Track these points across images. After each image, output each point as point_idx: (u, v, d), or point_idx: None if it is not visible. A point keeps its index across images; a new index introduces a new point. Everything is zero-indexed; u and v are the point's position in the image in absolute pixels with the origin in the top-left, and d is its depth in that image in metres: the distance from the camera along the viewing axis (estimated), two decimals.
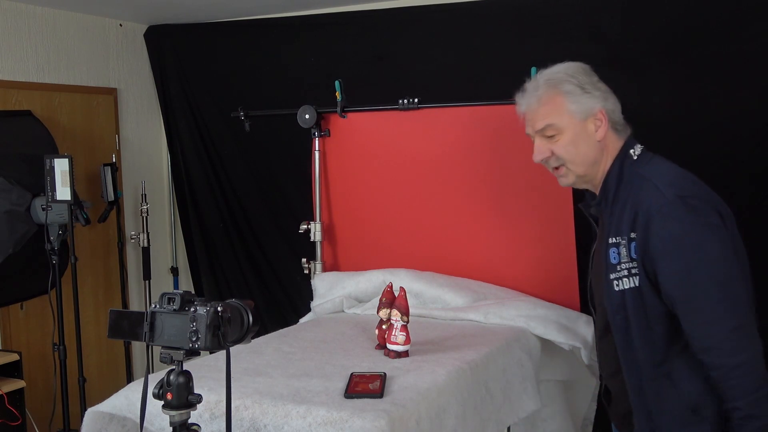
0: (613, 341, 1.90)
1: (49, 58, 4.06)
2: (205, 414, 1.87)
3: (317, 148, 3.34)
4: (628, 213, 1.82)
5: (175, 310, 1.53)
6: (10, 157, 3.66)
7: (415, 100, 3.12)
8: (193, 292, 1.57)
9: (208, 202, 4.57)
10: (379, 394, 1.91)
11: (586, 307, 2.56)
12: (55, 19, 4.09)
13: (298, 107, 3.26)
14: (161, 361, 1.56)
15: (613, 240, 1.85)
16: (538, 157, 1.98)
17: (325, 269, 3.37)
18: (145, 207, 4.36)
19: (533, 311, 2.76)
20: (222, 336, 1.51)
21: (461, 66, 3.72)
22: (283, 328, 2.82)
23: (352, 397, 1.90)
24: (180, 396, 1.55)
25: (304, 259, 3.39)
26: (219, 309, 1.51)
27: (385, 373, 2.06)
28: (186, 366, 1.57)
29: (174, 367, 1.56)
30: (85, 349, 3.82)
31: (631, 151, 1.91)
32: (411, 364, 2.21)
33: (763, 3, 3.11)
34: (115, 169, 4.16)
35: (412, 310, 2.37)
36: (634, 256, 1.80)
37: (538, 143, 1.98)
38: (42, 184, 3.53)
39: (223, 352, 1.55)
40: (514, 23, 3.61)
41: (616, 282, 1.84)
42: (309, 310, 3.20)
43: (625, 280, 1.82)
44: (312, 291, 3.28)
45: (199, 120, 4.53)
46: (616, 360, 1.91)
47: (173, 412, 1.55)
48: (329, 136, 3.33)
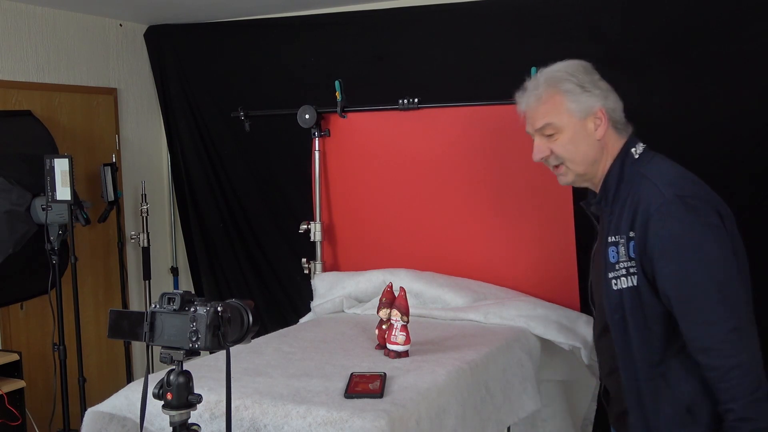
0: (611, 340, 1.89)
1: (49, 58, 4.06)
2: (205, 414, 1.87)
3: (317, 148, 3.34)
4: (628, 212, 1.82)
5: (175, 310, 1.53)
6: (10, 157, 3.66)
7: (415, 100, 3.12)
8: (193, 292, 1.56)
9: (208, 202, 4.57)
10: (379, 394, 1.91)
11: (586, 307, 2.56)
12: (55, 19, 4.09)
13: (298, 107, 3.26)
14: (161, 361, 1.56)
15: (612, 239, 1.85)
16: (538, 156, 1.98)
17: (325, 269, 3.37)
18: (145, 207, 4.36)
19: (533, 311, 2.76)
20: (222, 336, 1.51)
21: (461, 66, 3.72)
22: (283, 328, 2.82)
23: (352, 397, 1.90)
24: (180, 396, 1.55)
25: (304, 259, 3.39)
26: (219, 309, 1.51)
27: (385, 373, 2.06)
28: (186, 366, 1.57)
29: (174, 367, 1.56)
30: (85, 349, 3.82)
31: (633, 150, 1.90)
32: (411, 364, 2.20)
33: (763, 3, 3.11)
34: (115, 169, 4.16)
35: (412, 310, 2.37)
36: (633, 255, 1.79)
37: (538, 142, 1.98)
38: (42, 184, 3.53)
39: (223, 352, 1.55)
40: (514, 23, 3.61)
41: (614, 281, 1.83)
42: (309, 310, 3.20)
43: (623, 279, 1.82)
44: (312, 291, 3.28)
45: (199, 120, 4.53)
46: (614, 359, 1.90)
47: (173, 412, 1.55)
48: (329, 136, 3.33)
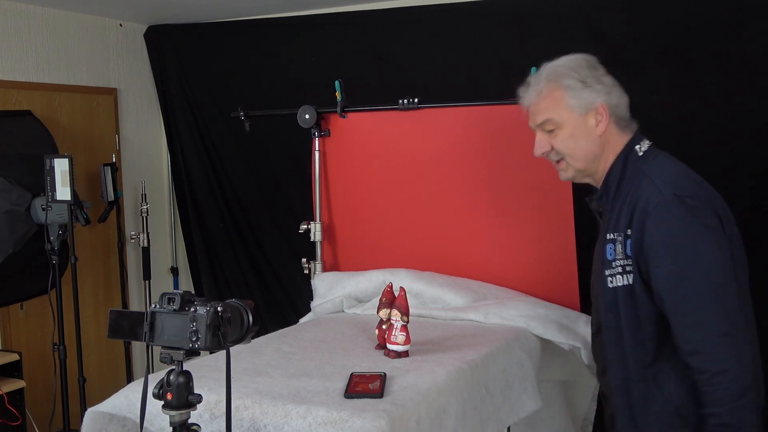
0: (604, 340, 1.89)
1: (49, 58, 4.06)
2: (205, 414, 1.87)
3: (317, 148, 3.33)
4: (627, 209, 1.80)
5: (175, 310, 1.53)
6: (10, 157, 3.66)
7: (415, 100, 3.12)
8: (193, 292, 1.56)
9: (208, 202, 4.57)
10: (379, 394, 1.91)
11: (586, 307, 2.56)
12: (55, 19, 4.09)
13: (298, 107, 3.26)
14: (161, 361, 1.56)
15: (611, 236, 1.83)
16: (539, 151, 1.97)
17: (325, 269, 3.37)
18: (145, 207, 4.37)
19: (533, 311, 2.76)
20: (222, 336, 1.51)
21: (461, 66, 3.72)
22: (283, 328, 2.82)
23: (352, 397, 1.90)
24: (180, 396, 1.55)
25: (304, 259, 3.39)
26: (219, 309, 1.51)
27: (385, 373, 2.06)
28: (186, 366, 1.57)
29: (174, 367, 1.56)
30: (85, 349, 3.82)
31: (637, 147, 1.87)
32: (411, 364, 2.20)
33: (763, 3, 3.11)
34: (115, 169, 4.16)
35: (412, 310, 2.37)
36: (629, 253, 1.77)
37: (539, 137, 1.97)
38: (42, 184, 3.53)
39: (223, 352, 1.55)
40: (514, 23, 3.61)
41: (610, 278, 1.82)
42: (309, 310, 3.20)
43: (618, 277, 1.80)
44: (312, 291, 3.28)
45: (199, 120, 4.53)
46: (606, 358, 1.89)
47: (173, 412, 1.55)
48: (329, 136, 3.32)
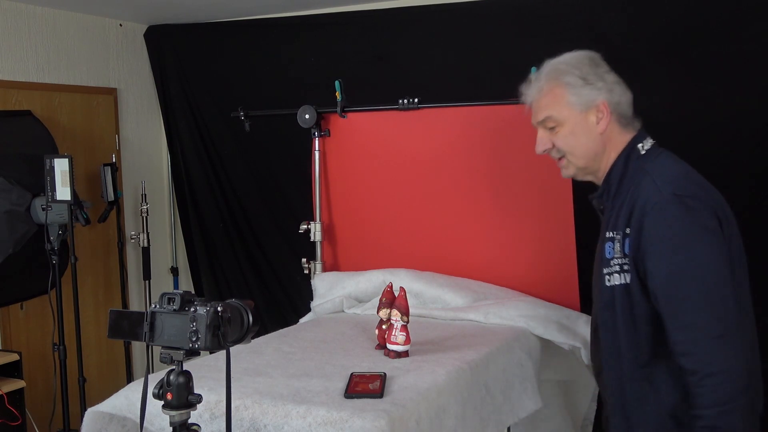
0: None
1: (49, 58, 4.06)
2: (205, 414, 1.87)
3: (317, 148, 3.33)
4: (626, 208, 1.79)
5: (175, 310, 1.53)
6: (10, 157, 3.66)
7: (415, 100, 3.12)
8: (193, 292, 1.56)
9: (208, 202, 4.57)
10: (379, 394, 1.91)
11: (586, 307, 2.56)
12: (55, 19, 4.09)
13: (298, 107, 3.26)
14: (161, 361, 1.56)
15: (610, 234, 1.82)
16: (540, 149, 1.96)
17: (325, 269, 3.37)
18: (145, 207, 4.37)
19: (533, 311, 2.75)
20: (222, 336, 1.51)
21: (461, 66, 3.72)
22: (283, 328, 2.82)
23: (352, 397, 1.90)
24: (180, 396, 1.55)
25: (304, 259, 3.39)
26: (219, 309, 1.51)
27: (385, 373, 2.06)
28: (186, 366, 1.56)
29: (174, 367, 1.55)
30: (85, 349, 3.82)
31: (640, 145, 1.86)
32: (411, 364, 2.20)
33: (763, 3, 3.11)
34: (115, 169, 4.16)
35: (412, 310, 2.37)
36: (627, 252, 1.76)
37: (540, 134, 1.96)
38: (42, 184, 3.53)
39: (223, 352, 1.55)
40: (514, 23, 3.61)
41: (607, 277, 1.81)
42: (309, 310, 3.20)
43: (616, 275, 1.79)
44: (312, 291, 3.28)
45: (199, 120, 4.53)
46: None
47: (173, 412, 1.55)
48: (329, 136, 3.32)
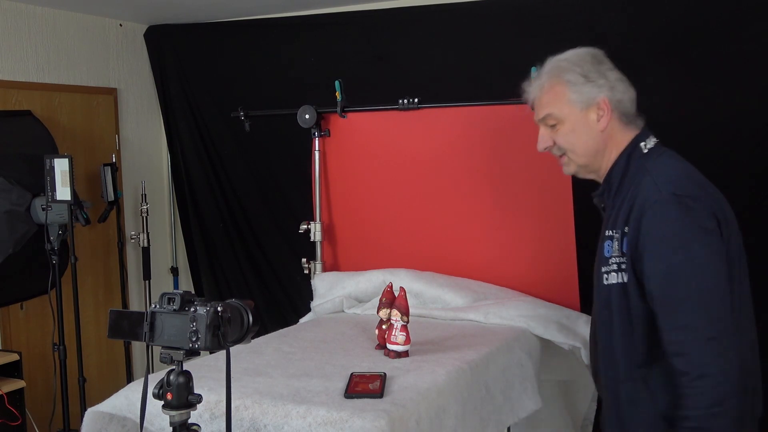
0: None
1: (49, 58, 4.06)
2: (205, 414, 1.87)
3: (317, 148, 3.33)
4: (626, 207, 1.79)
5: (175, 310, 1.53)
6: (10, 157, 3.66)
7: (415, 100, 3.12)
8: (193, 292, 1.56)
9: (208, 202, 4.57)
10: (379, 394, 1.91)
11: (586, 307, 2.56)
12: (55, 19, 4.09)
13: (298, 107, 3.26)
14: (161, 361, 1.56)
15: (609, 233, 1.82)
16: (541, 146, 1.96)
17: (325, 269, 3.37)
18: (145, 207, 4.37)
19: (533, 311, 2.76)
20: (222, 336, 1.51)
21: (461, 66, 3.72)
22: (283, 328, 2.82)
23: (352, 397, 1.90)
24: (180, 396, 1.55)
25: (304, 259, 3.39)
26: (219, 309, 1.51)
27: (385, 373, 2.06)
28: (186, 366, 1.56)
29: (174, 367, 1.56)
30: (85, 349, 3.82)
31: (642, 143, 1.85)
32: (411, 364, 2.20)
33: (763, 3, 3.11)
34: (115, 169, 4.16)
35: (412, 310, 2.37)
36: (625, 251, 1.76)
37: (542, 132, 1.96)
38: (42, 184, 3.53)
39: (223, 352, 1.55)
40: (514, 23, 3.61)
41: (605, 275, 1.81)
42: (309, 310, 3.20)
43: (613, 274, 1.78)
44: (312, 291, 3.28)
45: (199, 120, 4.53)
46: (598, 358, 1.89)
47: (173, 412, 1.55)
48: (329, 136, 3.32)
